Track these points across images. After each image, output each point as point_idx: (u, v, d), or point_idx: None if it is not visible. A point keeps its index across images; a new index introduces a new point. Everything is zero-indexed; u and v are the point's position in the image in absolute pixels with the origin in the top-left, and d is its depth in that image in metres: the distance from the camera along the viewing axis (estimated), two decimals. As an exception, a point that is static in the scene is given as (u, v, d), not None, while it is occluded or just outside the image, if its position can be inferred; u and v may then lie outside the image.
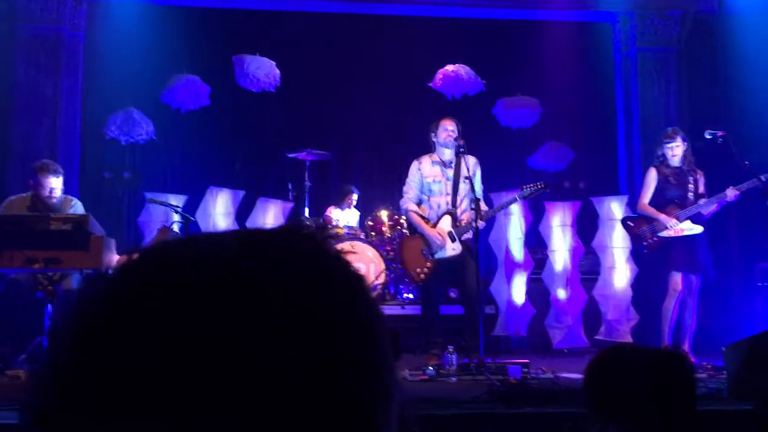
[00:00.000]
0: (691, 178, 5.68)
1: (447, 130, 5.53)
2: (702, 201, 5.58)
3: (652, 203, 5.75)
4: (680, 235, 5.57)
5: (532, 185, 5.55)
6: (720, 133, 5.72)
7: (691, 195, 5.63)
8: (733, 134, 5.79)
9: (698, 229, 5.57)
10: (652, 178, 5.76)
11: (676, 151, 5.70)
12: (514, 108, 8.42)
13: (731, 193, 5.43)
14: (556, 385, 4.50)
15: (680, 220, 5.57)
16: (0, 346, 4.84)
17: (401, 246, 5.87)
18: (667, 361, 1.54)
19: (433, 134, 5.62)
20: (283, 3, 8.10)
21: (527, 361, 5.00)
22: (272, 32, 8.30)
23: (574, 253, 6.93)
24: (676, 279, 5.58)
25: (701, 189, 5.69)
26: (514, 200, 5.67)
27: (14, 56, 7.38)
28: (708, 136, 5.78)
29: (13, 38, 7.40)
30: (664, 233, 5.60)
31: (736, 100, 7.02)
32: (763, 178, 5.34)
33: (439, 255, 5.46)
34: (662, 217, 5.62)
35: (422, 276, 5.54)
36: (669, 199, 5.68)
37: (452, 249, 5.44)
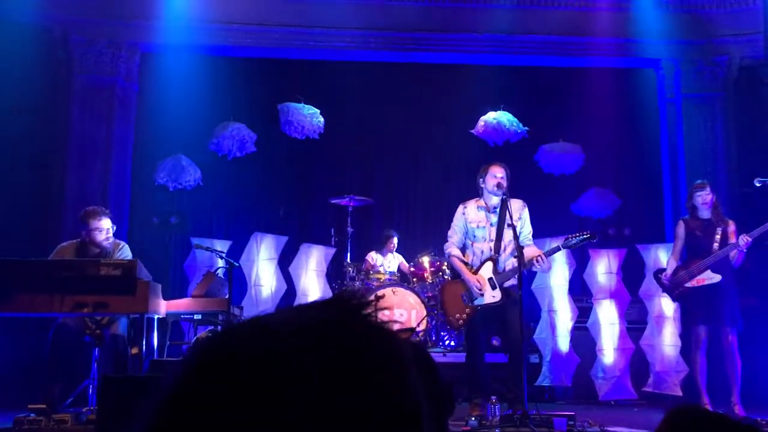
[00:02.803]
0: (719, 229, 5.68)
1: (496, 177, 5.40)
2: (718, 252, 5.59)
3: (683, 255, 5.88)
4: (702, 284, 5.60)
5: (577, 234, 5.39)
6: (771, 180, 5.64)
7: (716, 245, 5.65)
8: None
9: (716, 278, 5.59)
10: (680, 231, 5.87)
11: (706, 198, 5.72)
12: (556, 154, 8.39)
13: (742, 240, 5.45)
14: (603, 439, 4.38)
15: (700, 271, 5.62)
16: (48, 389, 4.91)
17: (442, 290, 5.83)
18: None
19: (481, 180, 5.50)
20: (326, 53, 8.29)
21: (573, 413, 4.88)
22: (316, 81, 8.49)
23: (619, 301, 6.80)
24: (698, 331, 5.64)
25: (731, 239, 5.64)
26: (557, 249, 5.53)
27: (70, 105, 7.68)
28: (758, 184, 5.72)
29: (69, 88, 7.71)
30: (688, 284, 5.66)
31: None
32: None
33: (478, 302, 5.38)
34: (665, 274, 5.83)
35: (461, 322, 5.45)
36: (693, 252, 5.78)
37: (492, 296, 5.35)
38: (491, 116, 8.33)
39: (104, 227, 5.21)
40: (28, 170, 7.12)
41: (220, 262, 5.80)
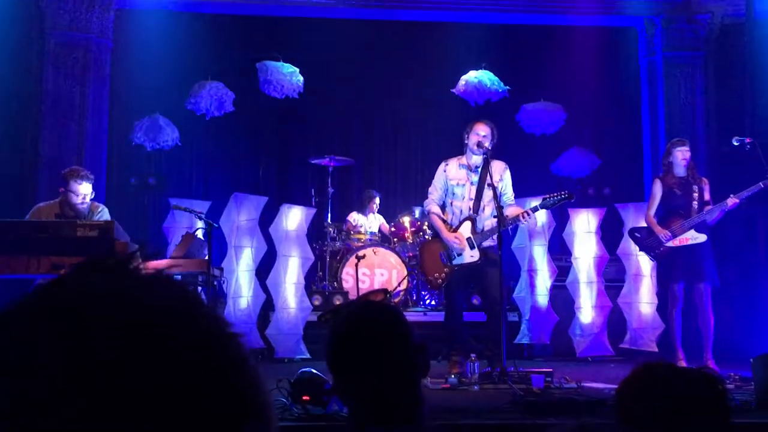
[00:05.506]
0: (695, 187, 5.72)
1: (478, 135, 5.39)
2: (705, 210, 5.60)
3: (658, 212, 5.84)
4: (685, 244, 5.62)
5: (555, 194, 5.36)
6: (748, 140, 5.69)
7: (695, 204, 5.67)
8: (760, 140, 5.72)
9: (702, 237, 5.63)
10: (657, 189, 5.84)
11: (685, 154, 5.73)
12: (537, 113, 8.37)
13: (731, 201, 5.49)
14: (579, 395, 4.46)
15: (683, 230, 5.62)
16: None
17: (421, 249, 5.86)
18: (698, 382, 1.59)
19: (466, 136, 5.49)
20: (305, 10, 8.14)
21: (550, 370, 4.95)
22: (296, 39, 8.35)
23: (598, 260, 6.87)
24: (675, 289, 5.68)
25: (706, 197, 5.70)
26: (535, 209, 5.43)
27: (43, 63, 7.50)
28: (735, 143, 5.75)
29: (42, 46, 7.51)
30: (670, 243, 5.66)
31: (764, 106, 6.91)
32: (762, 184, 5.41)
33: (456, 261, 5.40)
34: (657, 230, 5.73)
35: (440, 281, 5.47)
36: (673, 210, 5.76)
37: (470, 256, 5.37)
38: (472, 75, 8.26)
39: (81, 192, 5.12)
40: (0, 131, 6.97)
41: (200, 223, 5.75)
